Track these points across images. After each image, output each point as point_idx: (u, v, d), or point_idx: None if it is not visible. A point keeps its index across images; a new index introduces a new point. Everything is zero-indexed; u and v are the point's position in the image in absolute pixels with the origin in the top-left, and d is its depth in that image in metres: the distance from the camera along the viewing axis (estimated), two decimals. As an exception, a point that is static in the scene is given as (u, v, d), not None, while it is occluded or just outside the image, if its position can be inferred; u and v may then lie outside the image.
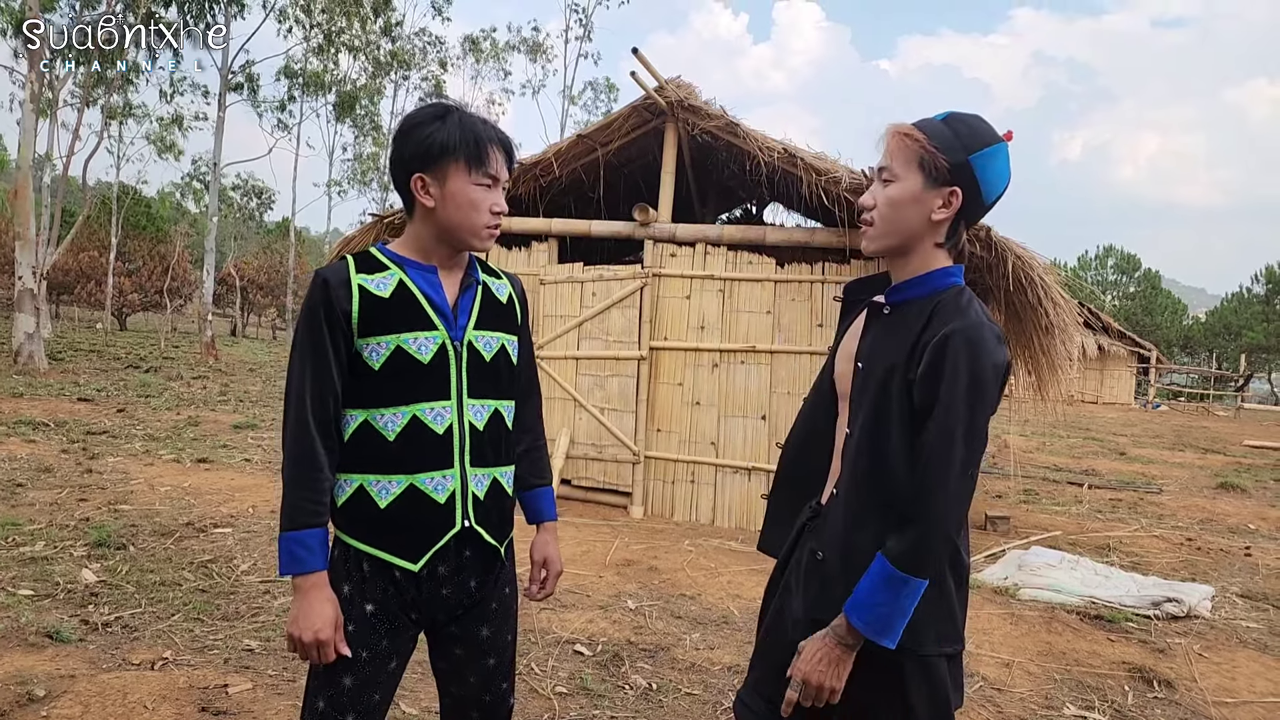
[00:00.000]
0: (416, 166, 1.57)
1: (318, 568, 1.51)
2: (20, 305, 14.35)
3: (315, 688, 1.58)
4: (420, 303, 1.60)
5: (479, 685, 1.72)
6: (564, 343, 7.10)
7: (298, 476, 1.52)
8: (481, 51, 37.41)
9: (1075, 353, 6.26)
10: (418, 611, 1.62)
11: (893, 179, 1.51)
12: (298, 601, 1.51)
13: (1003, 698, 3.49)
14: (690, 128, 6.80)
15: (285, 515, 1.51)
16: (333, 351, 1.54)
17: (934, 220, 1.50)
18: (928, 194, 1.49)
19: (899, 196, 1.50)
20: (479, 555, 1.66)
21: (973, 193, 1.49)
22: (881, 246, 1.55)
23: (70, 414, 9.49)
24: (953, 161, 1.46)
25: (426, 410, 1.59)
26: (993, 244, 5.58)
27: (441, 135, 1.56)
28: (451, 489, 1.60)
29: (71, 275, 30.80)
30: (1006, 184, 1.52)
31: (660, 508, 6.83)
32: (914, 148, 1.49)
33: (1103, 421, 20.83)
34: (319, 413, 1.53)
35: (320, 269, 1.60)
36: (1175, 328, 45.47)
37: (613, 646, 3.73)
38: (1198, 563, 6.18)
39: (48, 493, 5.79)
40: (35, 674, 2.99)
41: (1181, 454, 14.36)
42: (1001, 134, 1.51)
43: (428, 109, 1.61)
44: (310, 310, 1.55)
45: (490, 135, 1.60)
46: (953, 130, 1.49)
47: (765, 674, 1.64)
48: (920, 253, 1.54)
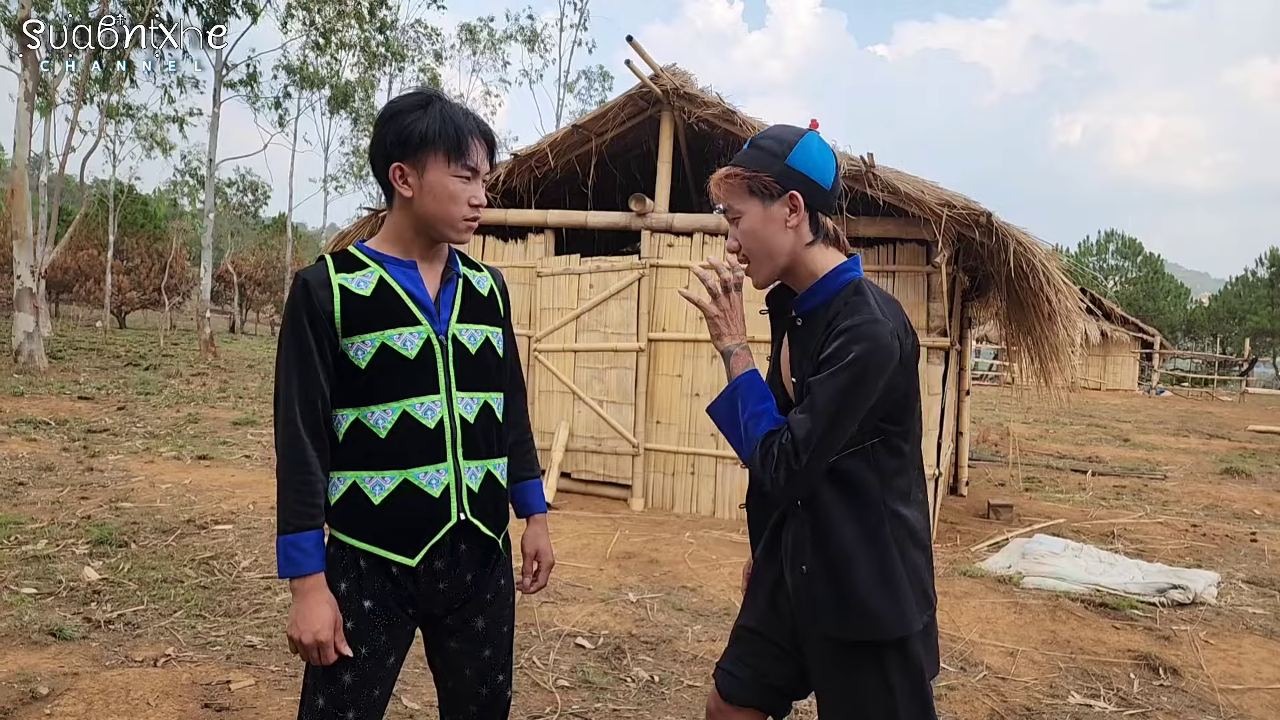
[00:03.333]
0: (396, 155, 1.56)
1: (315, 570, 1.52)
2: (19, 304, 14.33)
3: (314, 685, 1.58)
4: (402, 299, 1.60)
5: (475, 678, 1.71)
6: (562, 335, 7.08)
7: (291, 480, 1.52)
8: (479, 42, 37.26)
9: (1078, 339, 6.23)
10: (414, 606, 1.62)
11: (737, 215, 1.60)
12: (296, 604, 1.51)
13: (1007, 686, 3.49)
14: (686, 116, 6.76)
15: (281, 519, 1.52)
16: (318, 353, 1.55)
17: (790, 227, 1.57)
18: (771, 210, 1.57)
19: (751, 226, 1.59)
20: (475, 548, 1.66)
21: (809, 187, 1.56)
22: (767, 275, 1.63)
23: (71, 412, 9.49)
24: (774, 172, 1.55)
25: (416, 405, 1.58)
26: (994, 230, 5.54)
27: (422, 125, 1.54)
28: (446, 482, 1.60)
29: (70, 274, 30.76)
30: (835, 163, 1.60)
31: (660, 500, 6.82)
32: (738, 182, 1.58)
33: (1106, 408, 20.81)
34: (308, 416, 1.54)
35: (300, 271, 1.59)
36: (1179, 313, 45.40)
37: (614, 639, 3.73)
38: (1203, 549, 6.16)
39: (49, 491, 5.78)
40: (39, 672, 2.99)
41: (1186, 440, 14.34)
42: (806, 126, 1.60)
43: (409, 97, 1.60)
44: (293, 313, 1.55)
45: (471, 127, 1.58)
46: (760, 149, 1.58)
47: (748, 651, 1.74)
48: (803, 261, 1.60)
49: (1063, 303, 5.83)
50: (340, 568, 1.57)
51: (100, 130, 20.61)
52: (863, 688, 1.56)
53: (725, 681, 1.76)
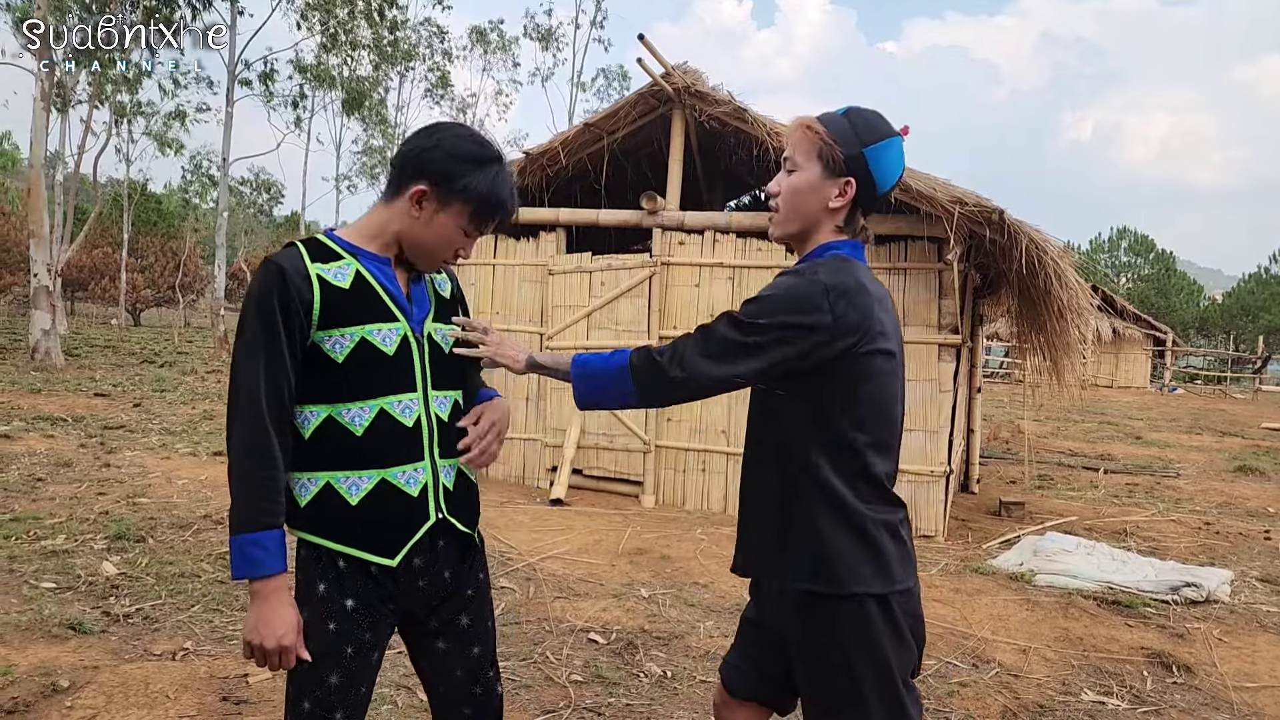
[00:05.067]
0: (431, 182, 1.53)
1: (277, 570, 1.45)
2: (36, 302, 14.46)
3: (300, 690, 1.53)
4: (379, 294, 1.57)
5: (467, 677, 1.69)
6: (573, 333, 7.10)
7: (253, 474, 1.45)
8: (489, 43, 37.30)
9: (1089, 336, 6.21)
10: (395, 603, 1.59)
11: (795, 168, 1.63)
12: (257, 607, 1.45)
13: (1019, 684, 3.49)
14: (697, 114, 6.76)
15: (238, 517, 1.45)
16: (287, 344, 1.47)
17: (830, 208, 1.61)
18: (825, 183, 1.59)
19: (799, 185, 1.62)
20: (452, 546, 1.65)
21: (866, 183, 1.59)
22: (784, 231, 1.67)
23: (87, 409, 9.58)
24: (848, 154, 1.57)
25: (394, 403, 1.56)
26: (1005, 228, 5.53)
27: (471, 178, 1.53)
28: (424, 481, 1.58)
29: (85, 272, 30.99)
30: (900, 175, 1.63)
31: (672, 497, 6.84)
32: (814, 140, 1.60)
33: (1118, 406, 20.68)
34: (274, 409, 1.47)
35: (272, 255, 1.52)
36: (1191, 310, 45.01)
37: (626, 635, 3.75)
38: (1216, 547, 6.13)
39: (67, 487, 5.85)
40: (59, 665, 3.04)
41: (1199, 437, 14.24)
42: (898, 129, 1.62)
43: (477, 143, 1.58)
44: (262, 299, 1.47)
45: (507, 206, 1.60)
46: (851, 124, 1.59)
47: (749, 643, 1.77)
48: (817, 238, 1.64)
49: (1074, 300, 5.81)
50: (318, 569, 1.53)
51: (111, 129, 20.76)
52: (813, 642, 1.57)
53: (729, 674, 1.78)
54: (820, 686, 1.57)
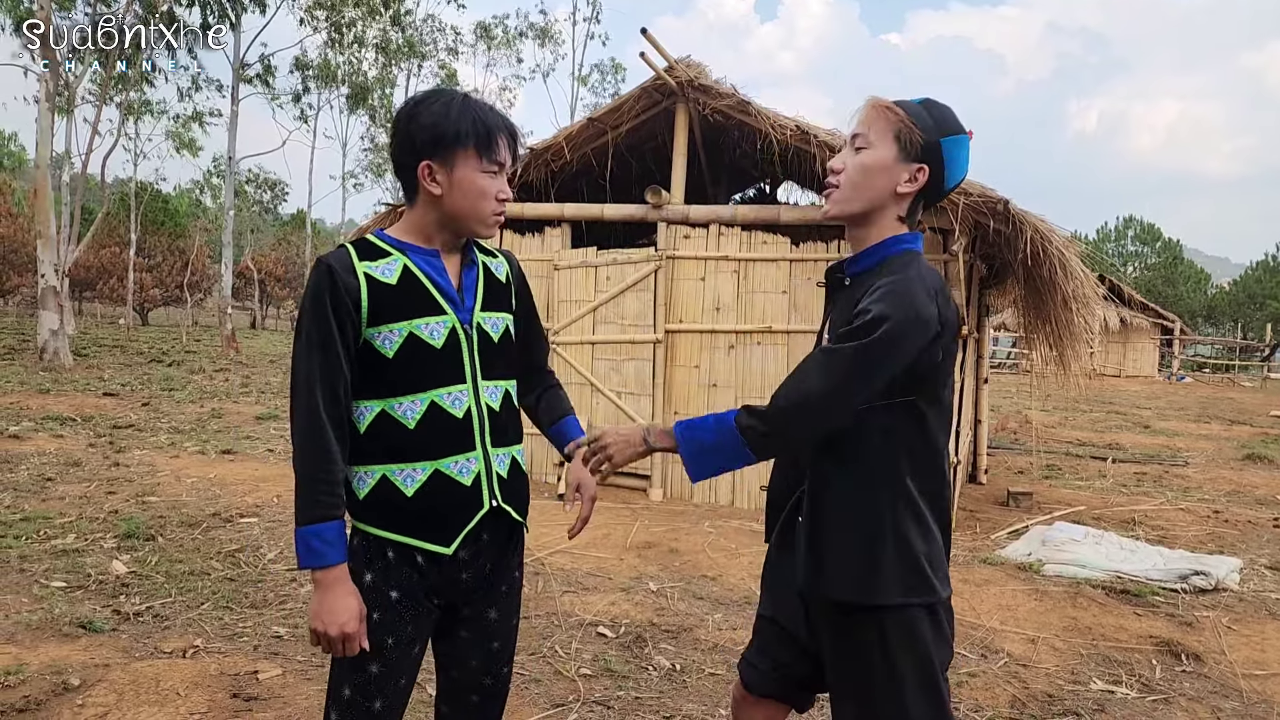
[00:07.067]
0: (426, 153, 1.56)
1: (338, 560, 1.50)
2: (44, 302, 14.53)
3: (341, 677, 1.58)
4: (427, 288, 1.60)
5: (480, 668, 1.72)
6: (579, 328, 7.10)
7: (313, 470, 1.50)
8: (494, 38, 37.24)
9: (1096, 326, 6.18)
10: (439, 595, 1.63)
11: (867, 146, 1.57)
12: (319, 595, 1.50)
13: (1028, 673, 3.49)
14: (701, 108, 6.74)
15: (301, 510, 1.50)
16: (341, 341, 1.52)
17: (899, 193, 1.56)
18: (898, 166, 1.55)
19: (871, 163, 1.56)
20: (495, 538, 1.68)
21: (938, 173, 1.56)
22: (844, 210, 1.60)
23: (96, 409, 9.63)
24: (926, 140, 1.54)
25: (444, 395, 1.59)
26: (1011, 218, 5.50)
27: (451, 122, 1.54)
28: (476, 470, 1.61)
29: (93, 272, 31.09)
30: (964, 174, 1.61)
31: (680, 490, 6.84)
32: (893, 120, 1.55)
33: (1126, 395, 20.60)
34: (331, 404, 1.51)
35: (323, 256, 1.57)
36: (1199, 298, 44.80)
37: (635, 628, 3.76)
38: (1225, 535, 6.11)
39: (77, 486, 5.88)
40: (70, 664, 3.06)
41: (1207, 426, 14.19)
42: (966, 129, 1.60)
43: (432, 95, 1.60)
44: (317, 299, 1.52)
45: (498, 123, 1.59)
46: (929, 112, 1.57)
47: (767, 641, 1.75)
48: (879, 224, 1.59)
49: (1079, 289, 5.78)
50: (365, 558, 1.57)
51: (119, 129, 20.82)
52: (860, 655, 1.55)
53: (747, 672, 1.78)
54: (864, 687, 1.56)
